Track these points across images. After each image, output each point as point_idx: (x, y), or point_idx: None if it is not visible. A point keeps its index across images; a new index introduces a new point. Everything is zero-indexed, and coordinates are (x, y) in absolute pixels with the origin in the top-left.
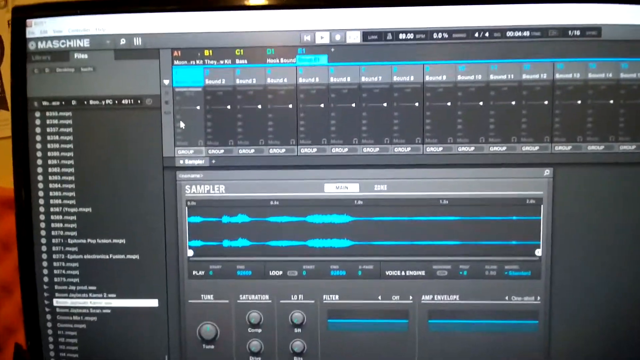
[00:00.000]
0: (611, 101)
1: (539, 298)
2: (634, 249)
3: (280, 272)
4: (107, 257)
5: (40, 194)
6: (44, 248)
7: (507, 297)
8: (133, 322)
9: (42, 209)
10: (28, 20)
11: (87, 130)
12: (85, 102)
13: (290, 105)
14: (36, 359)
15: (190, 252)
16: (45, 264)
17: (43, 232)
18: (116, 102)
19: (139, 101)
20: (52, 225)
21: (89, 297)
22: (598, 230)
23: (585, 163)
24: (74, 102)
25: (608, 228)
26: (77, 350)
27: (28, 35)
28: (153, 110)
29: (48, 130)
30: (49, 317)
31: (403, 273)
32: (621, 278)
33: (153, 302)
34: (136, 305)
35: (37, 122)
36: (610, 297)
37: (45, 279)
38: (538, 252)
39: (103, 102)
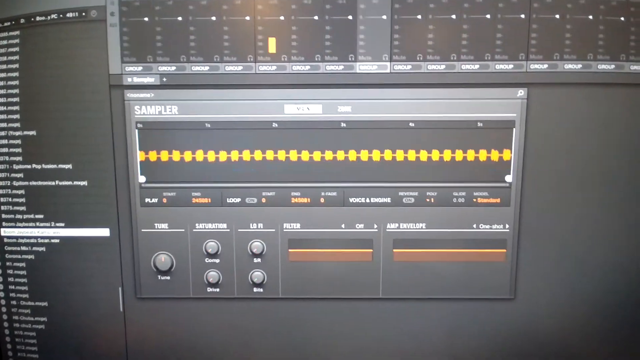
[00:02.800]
0: (590, 16)
1: (507, 226)
2: (608, 176)
3: (239, 200)
4: (54, 183)
5: None
6: None
7: (475, 225)
8: (83, 252)
9: None
10: None
11: (34, 50)
12: (32, 20)
13: (248, 17)
14: None
15: (142, 179)
16: None
17: None
18: (61, 16)
19: (83, 14)
20: None
21: (36, 227)
22: (572, 156)
23: (561, 83)
24: (22, 21)
25: (582, 154)
26: (27, 282)
27: None
28: (98, 23)
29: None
30: None
31: (368, 200)
32: (594, 208)
33: (104, 232)
34: (86, 235)
35: None
36: (581, 227)
37: None
38: (508, 179)
39: (48, 17)
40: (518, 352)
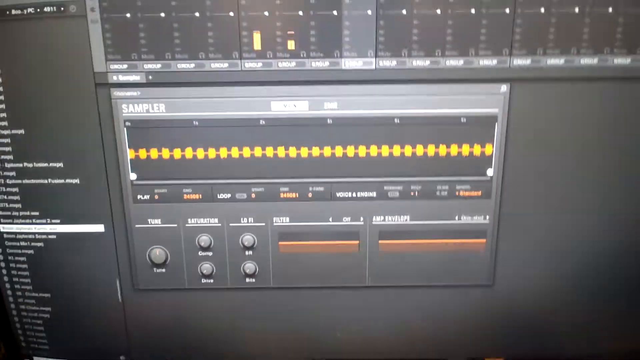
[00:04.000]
0: (576, 9)
1: (487, 217)
2: (588, 170)
3: (229, 195)
4: (46, 181)
5: None
6: None
7: (457, 217)
8: (81, 247)
9: None
10: None
11: (13, 46)
12: (8, 13)
13: (232, 13)
14: None
15: (133, 176)
16: None
17: None
18: (38, 10)
19: (61, 8)
20: None
21: (32, 223)
22: (552, 150)
23: (544, 78)
24: None
25: (563, 148)
26: (29, 275)
27: None
28: (78, 18)
29: None
30: None
31: (354, 194)
32: (572, 200)
33: (99, 228)
34: (82, 231)
35: None
36: (559, 218)
37: None
38: (490, 172)
39: (25, 12)
40: (497, 333)
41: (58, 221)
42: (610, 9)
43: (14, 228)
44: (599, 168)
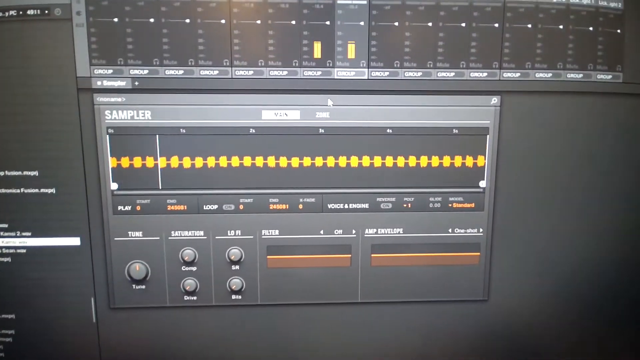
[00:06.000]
0: (561, 26)
1: (481, 230)
2: (576, 180)
3: (216, 207)
4: (19, 191)
5: None
6: None
7: (450, 230)
8: (52, 263)
9: None
10: None
11: None
12: None
13: (223, 21)
14: None
15: (114, 186)
16: None
17: None
18: (20, 13)
19: (46, 11)
20: None
21: (0, 237)
22: (542, 161)
23: (533, 91)
24: None
25: (552, 159)
26: None
27: None
28: (63, 22)
29: None
30: None
31: (346, 206)
32: (564, 211)
33: (74, 241)
34: (55, 245)
35: None
36: (552, 230)
37: None
38: (482, 184)
39: (7, 14)
40: (492, 351)
41: (29, 234)
42: (591, 28)
43: None
44: (590, 178)
